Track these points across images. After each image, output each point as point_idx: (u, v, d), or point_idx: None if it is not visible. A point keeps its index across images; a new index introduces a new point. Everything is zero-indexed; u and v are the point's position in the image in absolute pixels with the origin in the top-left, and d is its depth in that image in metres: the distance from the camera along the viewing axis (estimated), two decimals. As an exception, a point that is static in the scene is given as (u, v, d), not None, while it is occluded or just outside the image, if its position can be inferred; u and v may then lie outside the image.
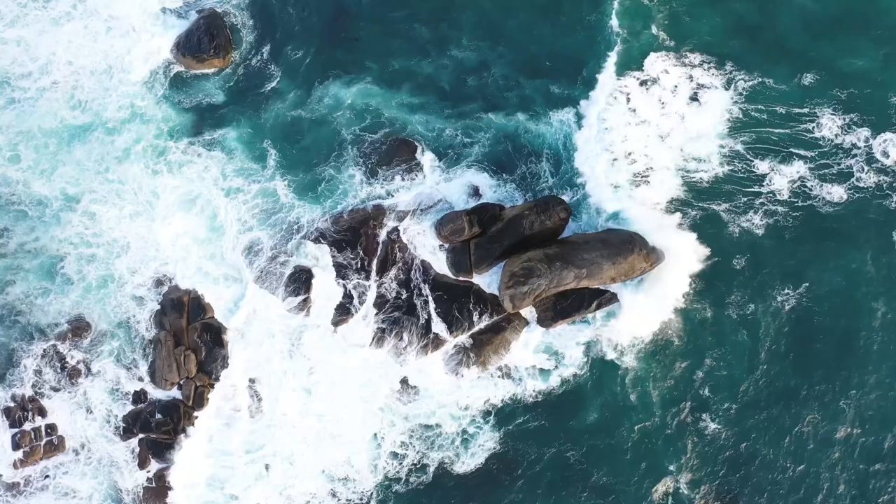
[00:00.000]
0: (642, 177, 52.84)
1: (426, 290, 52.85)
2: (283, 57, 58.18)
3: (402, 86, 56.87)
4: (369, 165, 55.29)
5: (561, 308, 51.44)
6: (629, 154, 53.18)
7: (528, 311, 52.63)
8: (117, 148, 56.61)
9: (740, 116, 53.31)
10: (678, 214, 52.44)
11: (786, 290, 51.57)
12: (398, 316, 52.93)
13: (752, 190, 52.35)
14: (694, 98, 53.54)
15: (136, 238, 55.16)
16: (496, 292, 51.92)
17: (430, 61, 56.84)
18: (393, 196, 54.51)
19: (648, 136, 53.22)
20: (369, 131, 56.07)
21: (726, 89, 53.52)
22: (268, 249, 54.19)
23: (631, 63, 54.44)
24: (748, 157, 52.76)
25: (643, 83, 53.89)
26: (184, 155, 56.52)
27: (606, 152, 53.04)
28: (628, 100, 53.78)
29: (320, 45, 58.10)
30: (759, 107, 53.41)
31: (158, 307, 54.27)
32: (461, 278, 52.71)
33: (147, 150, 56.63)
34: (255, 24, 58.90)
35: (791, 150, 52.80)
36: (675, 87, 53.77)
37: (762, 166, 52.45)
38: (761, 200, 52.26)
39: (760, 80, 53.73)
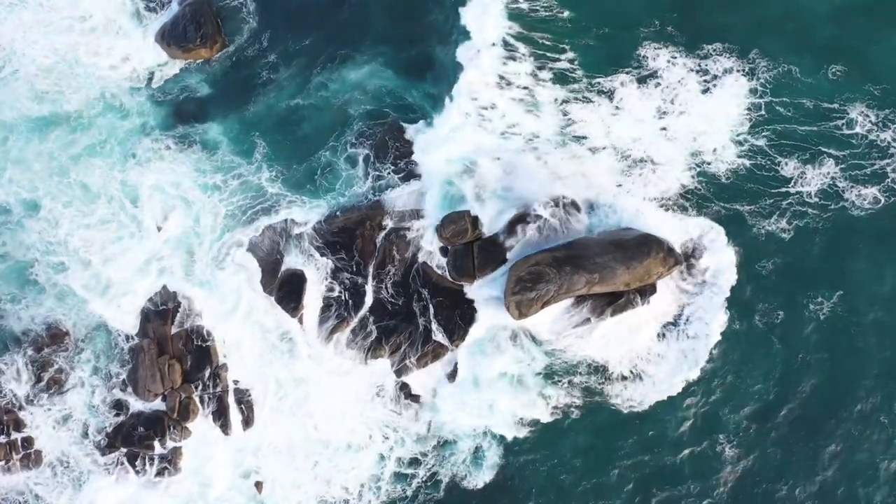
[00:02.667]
0: (639, 173, 50.46)
1: (426, 295, 50.42)
2: (282, 43, 55.59)
3: (412, 68, 54.45)
4: (372, 152, 52.77)
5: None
6: (617, 147, 50.81)
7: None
8: (86, 145, 53.79)
9: (762, 111, 50.83)
10: (692, 213, 50.27)
11: (819, 299, 49.03)
12: (396, 323, 50.50)
13: (778, 190, 49.93)
14: (707, 91, 51.12)
15: (108, 241, 52.45)
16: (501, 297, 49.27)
17: (446, 46, 53.99)
18: (396, 188, 51.91)
19: (645, 130, 50.84)
20: (374, 118, 53.60)
21: (748, 81, 51.01)
22: (254, 250, 51.66)
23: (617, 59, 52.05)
24: (772, 154, 50.32)
25: (641, 79, 51.40)
26: (160, 151, 53.69)
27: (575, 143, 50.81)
28: (611, 97, 51.29)
29: (326, 30, 55.48)
30: (784, 100, 50.86)
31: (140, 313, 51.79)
32: (464, 283, 50.20)
33: (119, 147, 53.80)
34: (255, 9, 56.20)
35: (820, 147, 50.26)
36: (681, 80, 51.19)
37: (788, 165, 50.09)
38: (789, 201, 49.81)
39: (785, 71, 51.11)
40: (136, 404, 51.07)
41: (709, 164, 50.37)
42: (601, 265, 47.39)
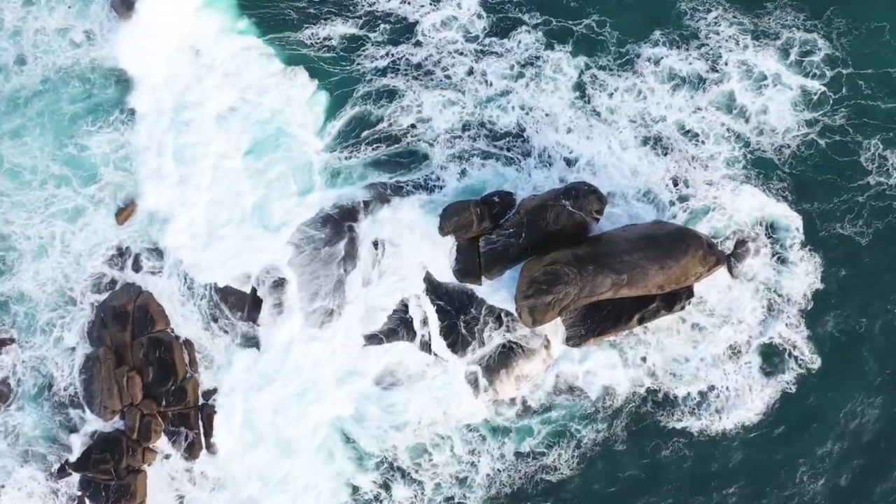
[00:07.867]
0: (678, 157, 46.34)
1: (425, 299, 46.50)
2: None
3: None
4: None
5: (593, 323, 44.80)
6: (649, 125, 46.86)
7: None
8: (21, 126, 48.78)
9: (840, 83, 45.92)
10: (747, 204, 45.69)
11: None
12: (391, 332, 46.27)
13: (853, 184, 45.59)
14: (758, 49, 46.50)
15: (64, 232, 47.81)
16: (511, 302, 45.15)
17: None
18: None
19: (685, 105, 46.79)
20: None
21: (823, 42, 46.20)
22: (230, 247, 46.63)
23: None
24: (847, 138, 45.72)
25: (681, 42, 46.98)
26: (111, 130, 48.29)
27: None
28: (643, 64, 47.18)
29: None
30: (868, 70, 45.83)
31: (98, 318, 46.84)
32: (468, 285, 46.04)
33: (64, 123, 48.53)
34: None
35: (905, 129, 46.35)
36: (736, 40, 46.67)
37: (866, 151, 45.69)
38: (868, 195, 45.53)
39: (870, 31, 46.03)
40: (91, 422, 46.17)
41: (764, 151, 45.99)
42: (630, 264, 43.02)
